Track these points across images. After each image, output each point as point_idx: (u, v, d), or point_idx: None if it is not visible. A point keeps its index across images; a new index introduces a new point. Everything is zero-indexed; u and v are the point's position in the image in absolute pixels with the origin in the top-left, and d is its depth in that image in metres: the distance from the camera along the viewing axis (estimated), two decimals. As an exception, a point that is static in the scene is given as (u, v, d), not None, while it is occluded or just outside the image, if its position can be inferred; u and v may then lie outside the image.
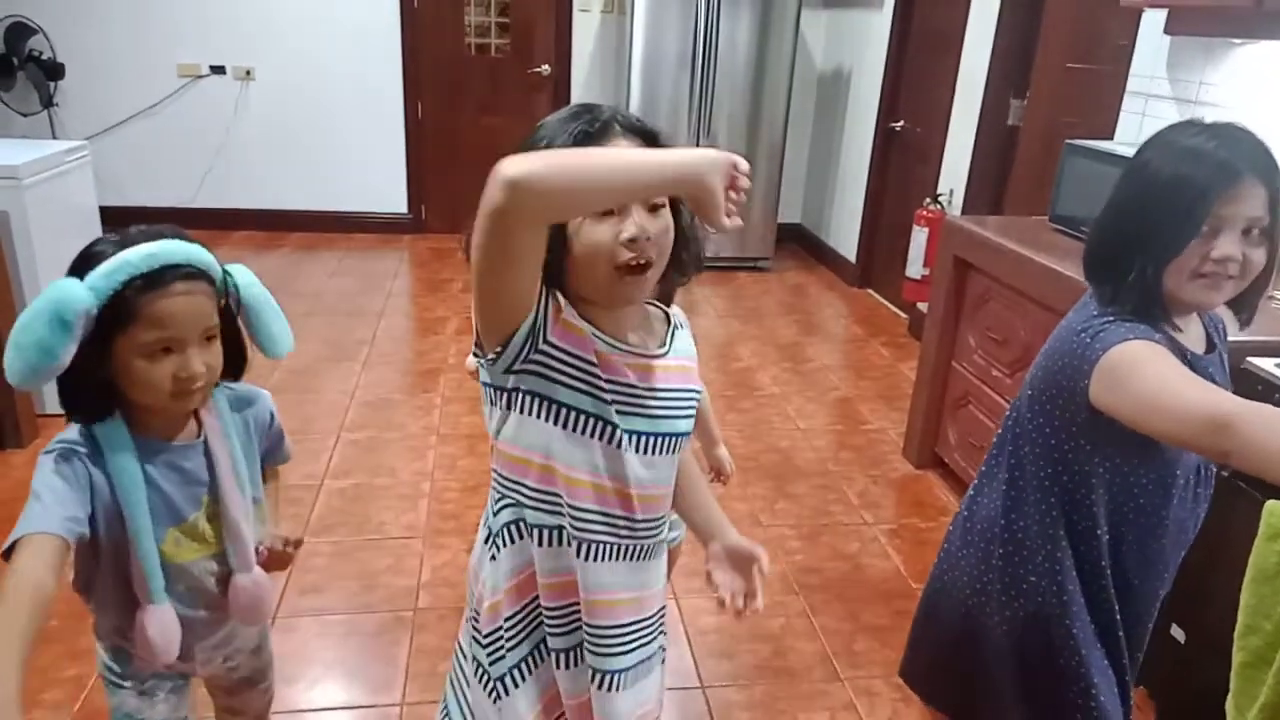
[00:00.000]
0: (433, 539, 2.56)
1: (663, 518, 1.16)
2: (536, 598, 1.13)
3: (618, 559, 1.11)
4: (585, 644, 1.13)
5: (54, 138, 4.84)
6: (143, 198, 5.19)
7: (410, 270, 5.04)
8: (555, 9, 5.43)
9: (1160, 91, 2.78)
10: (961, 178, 3.98)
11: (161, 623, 1.19)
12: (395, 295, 4.64)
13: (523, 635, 1.14)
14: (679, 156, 0.94)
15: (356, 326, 4.13)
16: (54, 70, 4.97)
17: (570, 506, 1.08)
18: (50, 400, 3.11)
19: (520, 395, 1.06)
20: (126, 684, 1.31)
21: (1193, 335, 1.29)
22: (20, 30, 4.81)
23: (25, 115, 4.95)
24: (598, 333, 1.05)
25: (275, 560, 1.34)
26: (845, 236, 5.31)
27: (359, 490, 2.81)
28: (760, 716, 2.00)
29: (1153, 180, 1.21)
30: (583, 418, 1.05)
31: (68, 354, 1.04)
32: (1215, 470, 1.37)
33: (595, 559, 1.10)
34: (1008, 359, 2.57)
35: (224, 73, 5.29)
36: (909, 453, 3.15)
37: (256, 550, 1.30)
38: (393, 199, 5.64)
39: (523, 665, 1.15)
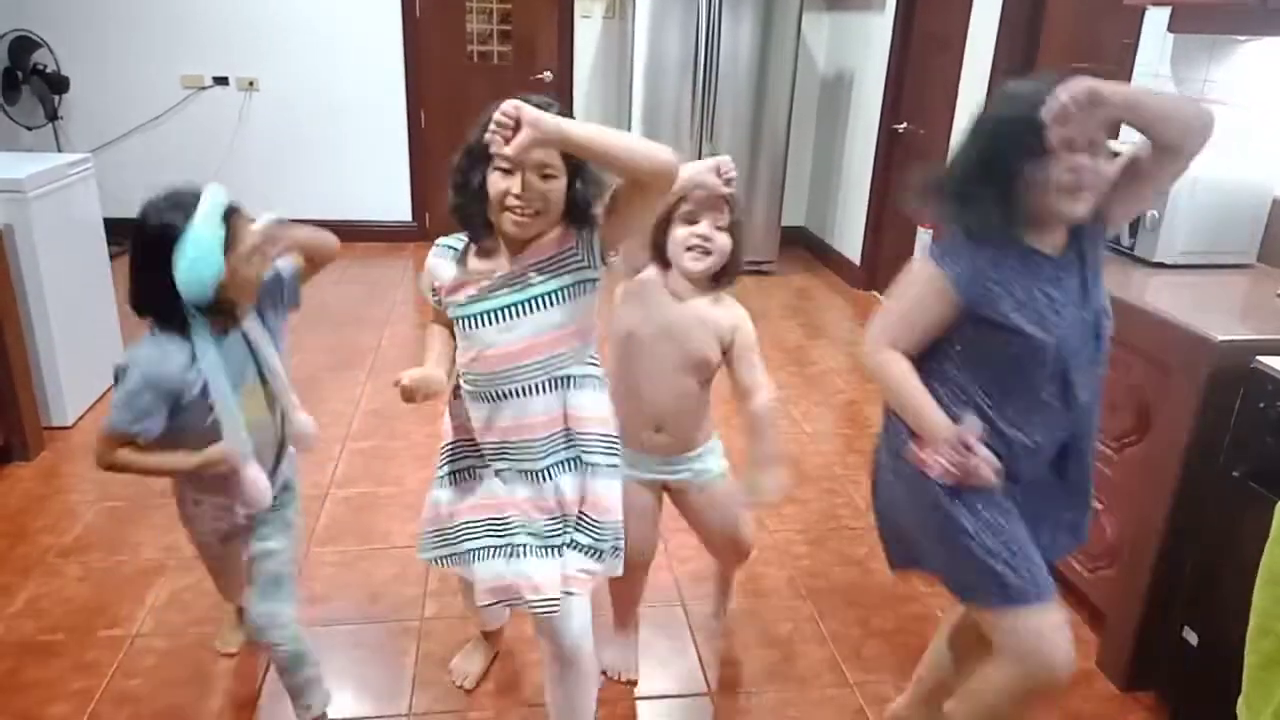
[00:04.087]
0: (439, 547, 2.55)
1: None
2: (460, 439, 1.64)
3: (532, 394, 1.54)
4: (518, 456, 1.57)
5: (59, 150, 4.86)
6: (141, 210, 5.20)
7: (414, 278, 5.05)
8: (557, 15, 5.44)
9: (1165, 90, 2.76)
10: (965, 179, 3.96)
11: (257, 476, 1.61)
12: (400, 304, 4.64)
13: (450, 459, 1.66)
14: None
15: (361, 335, 4.14)
16: (58, 83, 4.99)
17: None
18: (56, 413, 3.12)
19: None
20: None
21: (1050, 242, 1.47)
22: (24, 44, 4.83)
23: (30, 128, 4.97)
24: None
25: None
26: (849, 239, 5.30)
27: (364, 499, 2.81)
28: (769, 723, 1.99)
29: (997, 119, 1.45)
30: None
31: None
32: (1102, 319, 1.49)
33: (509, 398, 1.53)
34: (1014, 360, 2.56)
35: (227, 84, 5.31)
36: (916, 455, 3.13)
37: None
38: (396, 207, 5.65)
39: (449, 476, 1.67)
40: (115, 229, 3.83)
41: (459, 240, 1.57)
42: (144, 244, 1.48)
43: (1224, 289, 2.19)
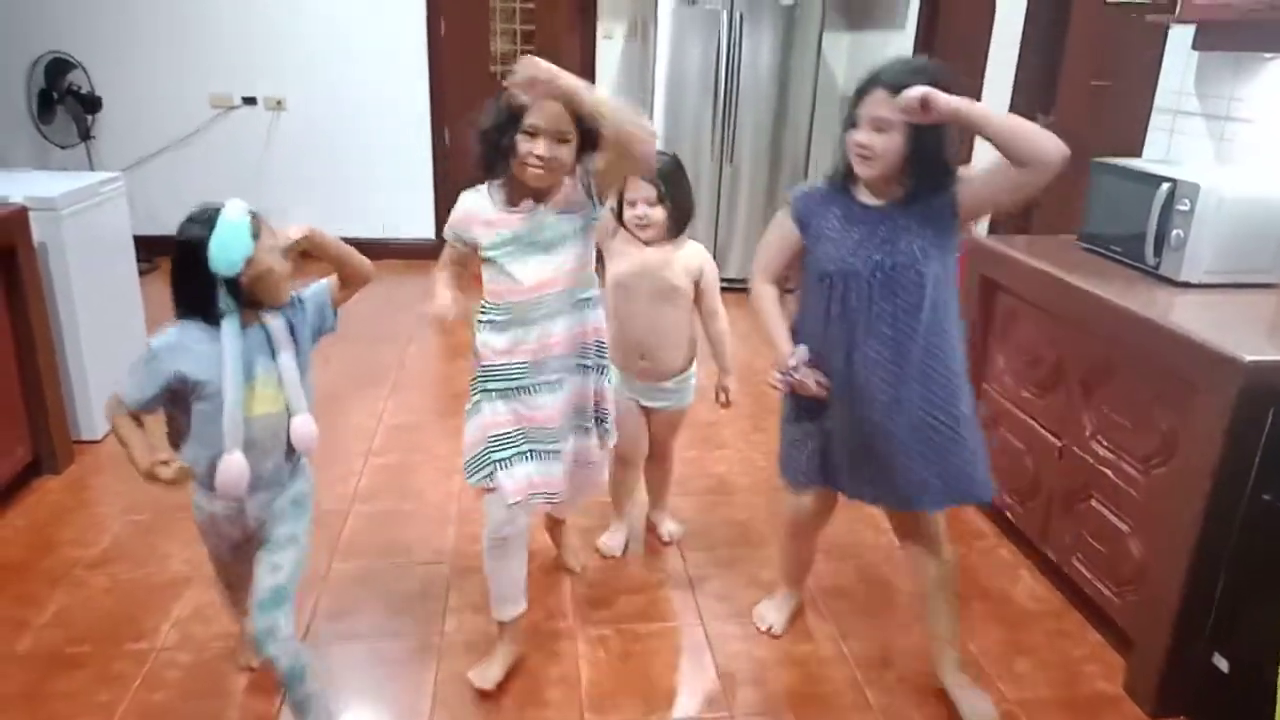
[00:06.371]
0: (460, 563, 2.56)
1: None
2: (490, 365, 1.92)
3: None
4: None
5: (91, 169, 4.95)
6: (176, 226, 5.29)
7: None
8: (579, 36, 5.49)
9: (1189, 108, 2.75)
10: (988, 197, 3.94)
11: (237, 463, 1.67)
12: (422, 320, 4.67)
13: (483, 385, 1.94)
14: None
15: (384, 352, 4.17)
16: (92, 103, 5.09)
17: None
18: (85, 426, 3.16)
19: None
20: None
21: (877, 196, 1.82)
22: (60, 66, 4.94)
23: (64, 148, 5.07)
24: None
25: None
26: (871, 257, 5.27)
27: (386, 514, 2.82)
28: (790, 745, 1.97)
29: (847, 98, 1.85)
30: None
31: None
32: (902, 270, 1.76)
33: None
34: (1037, 379, 2.54)
35: (255, 104, 5.40)
36: (938, 475, 3.11)
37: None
38: (421, 225, 5.70)
39: (480, 400, 1.95)
40: (145, 246, 3.90)
41: (484, 187, 1.92)
42: (179, 248, 1.64)
43: (1251, 308, 2.17)
